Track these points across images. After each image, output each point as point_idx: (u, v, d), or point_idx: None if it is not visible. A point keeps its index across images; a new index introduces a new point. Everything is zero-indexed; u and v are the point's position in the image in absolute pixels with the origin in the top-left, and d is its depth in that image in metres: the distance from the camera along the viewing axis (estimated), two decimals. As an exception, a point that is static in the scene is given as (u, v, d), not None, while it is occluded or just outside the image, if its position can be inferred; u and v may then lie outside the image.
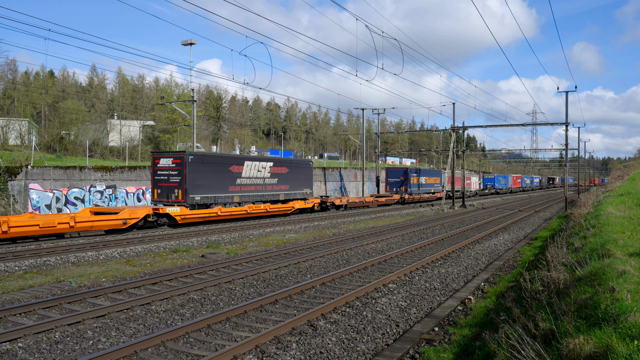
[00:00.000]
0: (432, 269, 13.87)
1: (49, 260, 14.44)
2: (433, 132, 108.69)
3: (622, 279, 6.44)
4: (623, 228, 11.91)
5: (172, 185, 24.35)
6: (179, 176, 24.10)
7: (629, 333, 4.52)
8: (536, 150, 76.66)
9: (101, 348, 7.39)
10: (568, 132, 37.25)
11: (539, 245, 17.99)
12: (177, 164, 24.16)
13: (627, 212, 15.85)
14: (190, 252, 16.85)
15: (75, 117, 51.85)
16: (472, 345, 7.15)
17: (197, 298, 10.40)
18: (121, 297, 10.34)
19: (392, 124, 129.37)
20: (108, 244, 18.09)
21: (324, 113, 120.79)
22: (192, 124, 33.10)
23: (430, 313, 9.36)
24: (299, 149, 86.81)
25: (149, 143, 52.60)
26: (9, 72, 65.04)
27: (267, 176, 29.94)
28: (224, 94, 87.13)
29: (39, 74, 76.10)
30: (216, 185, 25.96)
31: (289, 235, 21.85)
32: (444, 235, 21.35)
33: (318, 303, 9.90)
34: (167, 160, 24.57)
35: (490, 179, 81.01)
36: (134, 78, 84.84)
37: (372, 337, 7.92)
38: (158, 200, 24.75)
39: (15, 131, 41.18)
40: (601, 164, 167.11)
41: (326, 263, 14.76)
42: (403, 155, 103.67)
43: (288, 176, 31.76)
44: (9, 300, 10.10)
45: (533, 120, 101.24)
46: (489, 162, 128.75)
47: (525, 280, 8.63)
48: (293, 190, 32.38)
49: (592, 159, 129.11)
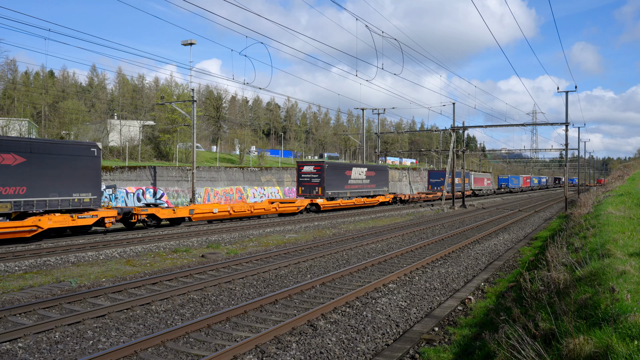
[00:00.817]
0: (432, 269, 13.87)
1: (49, 260, 14.44)
2: (433, 132, 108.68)
3: (622, 279, 6.44)
4: (623, 228, 11.91)
5: (313, 185, 35.29)
6: (319, 178, 35.05)
7: (629, 333, 4.52)
8: (536, 150, 76.69)
9: (101, 348, 7.39)
10: (568, 132, 37.26)
11: (539, 245, 17.99)
12: (318, 170, 35.19)
13: (627, 212, 15.85)
14: (190, 252, 16.85)
15: (75, 117, 51.84)
16: (472, 345, 7.15)
17: (197, 298, 10.40)
18: (121, 297, 10.34)
19: (392, 124, 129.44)
20: (108, 244, 18.08)
21: (324, 113, 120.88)
22: (192, 124, 33.12)
23: (430, 313, 9.36)
24: (299, 149, 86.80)
25: (149, 143, 52.59)
26: (9, 72, 65.07)
27: (364, 178, 40.40)
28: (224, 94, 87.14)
29: (39, 74, 76.11)
30: (338, 184, 36.62)
31: (289, 235, 21.85)
32: (444, 235, 21.35)
33: (318, 303, 9.90)
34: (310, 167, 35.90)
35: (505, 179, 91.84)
36: (134, 78, 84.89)
37: (372, 337, 7.92)
38: (302, 195, 35.60)
39: (15, 131, 41.16)
40: (601, 164, 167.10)
41: (326, 263, 14.76)
42: (403, 155, 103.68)
43: (375, 178, 42.06)
44: (9, 300, 10.10)
45: (533, 120, 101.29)
46: (488, 162, 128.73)
47: (525, 280, 8.63)
48: (378, 188, 42.64)
49: (592, 159, 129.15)
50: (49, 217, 18.69)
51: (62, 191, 19.28)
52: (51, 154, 19.07)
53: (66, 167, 19.47)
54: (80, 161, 20.05)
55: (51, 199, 18.91)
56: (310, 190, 35.77)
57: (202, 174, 37.84)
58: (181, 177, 36.23)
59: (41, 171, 18.61)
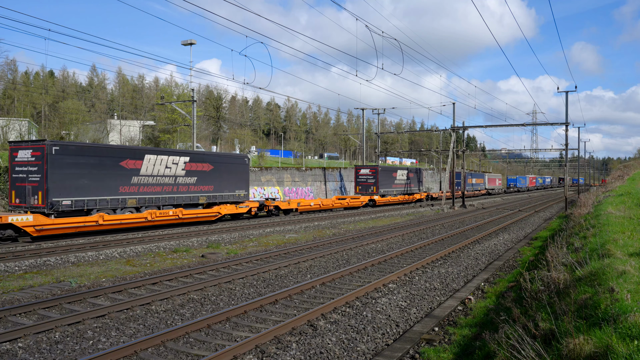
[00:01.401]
0: (432, 269, 13.87)
1: (49, 260, 14.44)
2: (433, 132, 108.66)
3: (622, 279, 6.44)
4: (623, 228, 11.91)
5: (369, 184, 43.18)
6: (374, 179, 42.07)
7: (629, 333, 4.52)
8: (536, 150, 76.72)
9: (101, 348, 7.39)
10: (568, 132, 37.26)
11: (539, 245, 17.99)
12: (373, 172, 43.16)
13: (627, 212, 15.85)
14: (190, 252, 16.85)
15: (75, 117, 51.86)
16: (472, 345, 7.15)
17: (197, 298, 10.40)
18: (121, 297, 10.34)
19: (392, 124, 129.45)
20: (108, 244, 18.08)
21: (324, 113, 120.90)
22: (192, 124, 33.12)
23: (430, 313, 9.35)
24: (299, 149, 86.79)
25: (149, 143, 52.60)
26: (9, 72, 65.09)
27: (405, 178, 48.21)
28: (224, 94, 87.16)
29: (39, 74, 76.14)
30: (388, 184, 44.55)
31: (289, 235, 21.85)
32: (444, 235, 21.35)
33: (318, 303, 9.90)
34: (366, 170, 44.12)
35: (513, 180, 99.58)
36: (134, 78, 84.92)
37: (372, 337, 7.92)
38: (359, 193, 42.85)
39: (15, 131, 41.17)
40: (601, 164, 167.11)
41: (326, 263, 14.76)
42: (403, 155, 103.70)
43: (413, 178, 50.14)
44: (9, 300, 10.10)
45: (533, 120, 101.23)
46: (488, 162, 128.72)
47: (525, 280, 8.63)
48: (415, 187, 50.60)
49: (592, 159, 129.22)
50: (224, 207, 27.00)
51: (229, 189, 27.54)
52: (225, 163, 27.35)
53: (232, 172, 27.60)
54: (238, 168, 28.18)
55: (224, 194, 27.15)
56: (367, 189, 43.65)
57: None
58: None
59: (221, 175, 26.72)
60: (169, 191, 23.81)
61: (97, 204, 20.37)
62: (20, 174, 19.34)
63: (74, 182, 19.45)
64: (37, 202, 18.75)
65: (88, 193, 20.00)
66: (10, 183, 19.67)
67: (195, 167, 25.58)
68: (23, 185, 19.23)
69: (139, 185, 22.28)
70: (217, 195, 26.69)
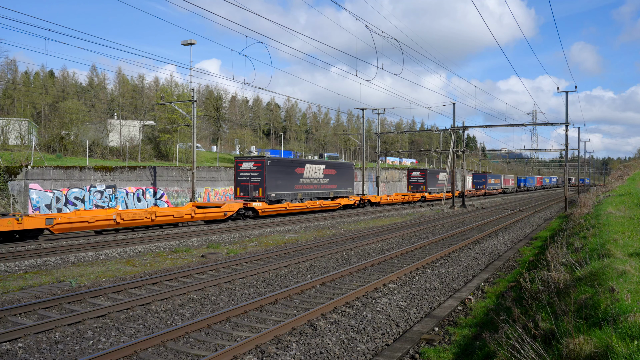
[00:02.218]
0: (432, 269, 13.87)
1: (49, 260, 14.44)
2: (433, 132, 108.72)
3: (622, 279, 6.44)
4: (623, 228, 11.91)
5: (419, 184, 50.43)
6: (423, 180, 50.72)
7: (629, 333, 4.52)
8: (536, 150, 76.64)
9: (101, 348, 7.39)
10: (568, 132, 37.25)
11: (539, 245, 17.99)
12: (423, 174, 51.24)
13: (627, 212, 15.85)
14: (190, 252, 16.85)
15: (75, 117, 51.79)
16: (472, 345, 7.15)
17: (197, 298, 10.40)
18: (121, 297, 10.34)
19: (392, 124, 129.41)
20: (108, 244, 18.08)
21: (324, 113, 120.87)
22: (192, 124, 33.11)
23: (430, 313, 9.35)
24: (299, 149, 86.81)
25: (149, 143, 52.56)
26: (9, 72, 65.05)
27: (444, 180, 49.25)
28: (223, 94, 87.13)
29: (39, 74, 76.10)
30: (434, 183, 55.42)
31: (289, 235, 21.84)
32: (444, 235, 21.34)
33: (318, 303, 9.90)
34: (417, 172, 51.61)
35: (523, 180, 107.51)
36: (133, 78, 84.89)
37: (372, 337, 7.92)
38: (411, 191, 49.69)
39: (15, 131, 41.16)
40: (601, 164, 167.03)
41: (326, 263, 14.76)
42: (403, 155, 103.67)
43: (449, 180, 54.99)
44: (9, 300, 10.10)
45: (533, 120, 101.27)
46: (488, 162, 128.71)
47: (525, 280, 8.63)
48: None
49: (592, 159, 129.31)
50: (342, 200, 38.17)
51: (344, 187, 39.01)
52: (341, 168, 39.17)
53: (345, 175, 39.22)
54: (348, 171, 40.16)
55: (341, 190, 38.67)
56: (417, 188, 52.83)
57: (202, 174, 37.82)
58: (181, 177, 36.22)
59: (340, 177, 38.38)
60: (316, 188, 35.76)
61: (284, 196, 32.27)
62: (244, 177, 31.06)
63: (276, 182, 31.23)
64: (258, 195, 30.45)
65: (281, 189, 31.88)
66: (235, 183, 31.48)
67: (328, 172, 37.14)
68: (246, 184, 30.86)
69: (303, 185, 34.34)
70: (338, 191, 38.31)
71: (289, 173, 33.20)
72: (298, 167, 34.29)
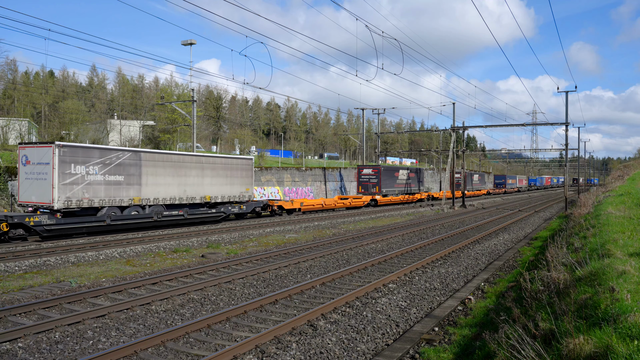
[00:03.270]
0: (432, 269, 13.87)
1: (49, 260, 14.44)
2: (433, 132, 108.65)
3: (622, 279, 6.44)
4: (623, 228, 11.91)
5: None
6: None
7: (629, 333, 4.52)
8: (536, 150, 76.69)
9: (101, 348, 7.39)
10: (568, 132, 37.25)
11: (539, 245, 17.99)
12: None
13: (627, 212, 15.85)
14: (190, 252, 16.85)
15: (75, 117, 51.84)
16: (472, 345, 7.15)
17: (197, 298, 10.40)
18: (121, 297, 10.34)
19: (392, 124, 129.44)
20: (108, 244, 18.09)
21: (324, 113, 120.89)
22: (192, 124, 33.12)
23: (430, 313, 9.35)
24: (299, 149, 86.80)
25: (149, 143, 52.59)
26: (9, 72, 65.07)
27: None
28: (223, 94, 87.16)
29: (39, 74, 76.14)
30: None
31: (289, 235, 21.85)
32: (444, 235, 21.35)
33: (318, 303, 9.90)
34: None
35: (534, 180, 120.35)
36: (133, 78, 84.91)
37: (372, 337, 7.92)
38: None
39: (15, 131, 41.18)
40: (601, 164, 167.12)
41: (326, 263, 14.76)
42: (403, 155, 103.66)
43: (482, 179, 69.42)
44: (9, 300, 10.10)
45: (533, 120, 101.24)
46: (488, 162, 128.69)
47: (525, 280, 8.63)
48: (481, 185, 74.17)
49: (592, 159, 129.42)
50: (417, 195, 51.24)
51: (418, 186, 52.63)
52: (415, 172, 51.97)
53: (418, 177, 52.49)
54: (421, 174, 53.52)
55: (416, 188, 51.73)
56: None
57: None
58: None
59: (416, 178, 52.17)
60: (403, 187, 48.81)
61: (389, 192, 45.61)
62: (364, 179, 44.94)
63: (385, 182, 44.86)
64: (375, 191, 44.02)
65: (388, 187, 45.54)
66: (358, 182, 45.35)
67: (410, 175, 50.70)
68: (367, 184, 44.62)
69: (398, 184, 47.82)
70: (415, 189, 50.57)
71: (392, 176, 46.95)
72: (396, 172, 48.52)
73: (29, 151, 19.64)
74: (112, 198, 20.83)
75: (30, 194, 19.48)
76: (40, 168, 19.12)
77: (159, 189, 22.93)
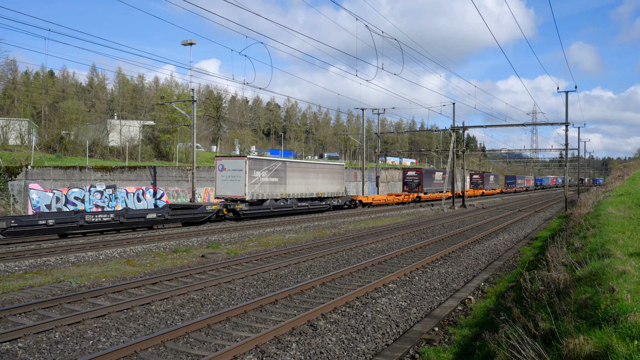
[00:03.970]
0: (432, 269, 13.87)
1: (49, 260, 14.44)
2: (433, 132, 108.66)
3: (622, 279, 6.44)
4: (623, 228, 11.91)
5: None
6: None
7: (629, 333, 4.52)
8: (536, 150, 76.63)
9: (101, 348, 7.39)
10: (568, 132, 37.25)
11: (539, 245, 17.99)
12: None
13: (627, 212, 15.85)
14: (190, 252, 16.85)
15: (75, 117, 51.81)
16: (472, 345, 7.15)
17: (197, 298, 10.40)
18: (121, 297, 10.34)
19: (392, 124, 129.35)
20: (108, 244, 18.09)
21: (324, 113, 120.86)
22: (192, 124, 33.10)
23: (430, 313, 9.35)
24: (299, 149, 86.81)
25: (149, 143, 52.55)
26: (9, 72, 65.03)
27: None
28: (223, 94, 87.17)
29: (39, 74, 76.11)
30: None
31: (289, 235, 21.85)
32: (444, 235, 21.34)
33: (318, 303, 9.90)
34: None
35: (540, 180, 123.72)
36: (133, 78, 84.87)
37: (372, 337, 7.92)
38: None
39: (15, 131, 41.15)
40: (601, 164, 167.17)
41: (326, 263, 14.76)
42: (403, 155, 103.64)
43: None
44: (9, 300, 10.10)
45: (533, 120, 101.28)
46: (488, 162, 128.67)
47: (525, 280, 8.63)
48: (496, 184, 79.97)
49: (592, 159, 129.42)
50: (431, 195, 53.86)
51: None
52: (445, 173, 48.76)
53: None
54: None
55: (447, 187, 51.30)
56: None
57: (202, 174, 37.82)
58: (181, 177, 36.22)
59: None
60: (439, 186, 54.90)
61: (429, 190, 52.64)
62: (408, 179, 52.93)
63: (425, 182, 52.37)
64: (418, 190, 51.51)
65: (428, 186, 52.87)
66: (403, 182, 53.66)
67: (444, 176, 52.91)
68: (410, 183, 52.49)
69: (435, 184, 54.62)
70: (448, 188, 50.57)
71: (430, 177, 54.02)
72: (433, 173, 55.65)
73: (224, 161, 28.96)
74: (271, 193, 29.91)
75: (226, 190, 28.56)
76: (235, 173, 28.24)
77: (295, 187, 32.08)
